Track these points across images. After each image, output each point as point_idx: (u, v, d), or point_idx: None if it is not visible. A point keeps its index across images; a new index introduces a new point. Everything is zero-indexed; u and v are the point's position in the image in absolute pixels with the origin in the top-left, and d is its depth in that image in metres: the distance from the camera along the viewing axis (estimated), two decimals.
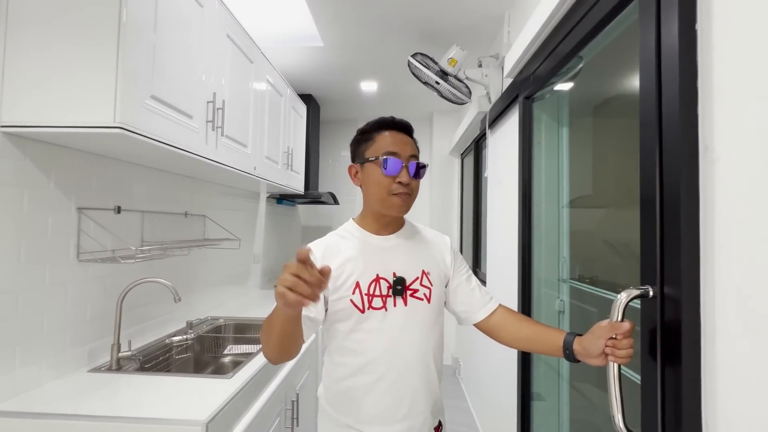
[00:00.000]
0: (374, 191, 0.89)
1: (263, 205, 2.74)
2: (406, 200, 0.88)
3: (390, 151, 0.87)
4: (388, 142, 0.88)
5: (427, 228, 1.04)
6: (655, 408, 0.72)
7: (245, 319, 1.90)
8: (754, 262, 0.56)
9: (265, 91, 1.92)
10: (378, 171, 0.87)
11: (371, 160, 0.88)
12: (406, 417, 0.86)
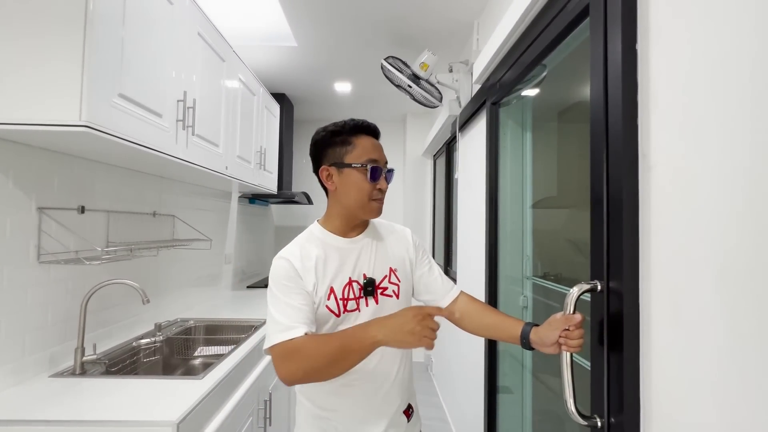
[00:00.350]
0: (356, 197, 0.89)
1: (235, 204, 2.70)
2: (382, 205, 0.92)
3: (372, 158, 0.89)
4: (370, 148, 0.90)
5: (385, 223, 1.04)
6: (602, 392, 0.79)
7: (216, 321, 1.88)
8: (682, 259, 0.63)
9: (237, 90, 1.91)
10: (362, 177, 0.88)
11: (354, 166, 0.88)
12: (381, 405, 0.90)
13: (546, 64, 1.32)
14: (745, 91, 0.53)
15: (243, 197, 2.86)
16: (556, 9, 1.03)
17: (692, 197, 0.62)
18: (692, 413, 0.60)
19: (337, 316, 0.87)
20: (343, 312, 0.88)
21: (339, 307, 0.87)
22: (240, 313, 2.00)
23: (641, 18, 0.74)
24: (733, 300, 0.54)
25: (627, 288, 0.73)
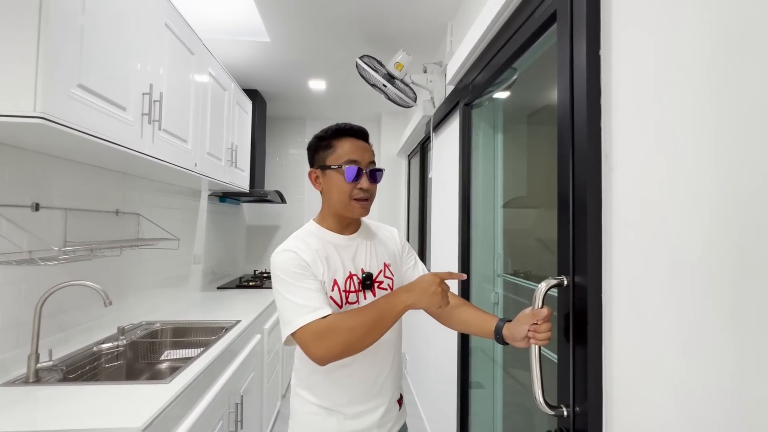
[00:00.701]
0: (337, 197, 0.94)
1: (204, 203, 2.62)
2: (365, 204, 0.95)
3: (351, 159, 0.92)
4: (348, 150, 0.93)
5: (376, 223, 1.11)
6: (568, 382, 0.83)
7: (184, 323, 1.81)
8: (639, 256, 0.67)
9: (207, 85, 1.85)
10: (340, 178, 0.92)
11: (333, 168, 0.93)
12: (378, 395, 0.95)
13: (516, 67, 1.37)
14: (702, 94, 0.57)
15: (213, 195, 2.78)
16: (525, 14, 1.07)
17: (651, 196, 0.66)
18: (650, 400, 0.64)
19: (339, 307, 0.91)
20: (345, 303, 0.92)
21: (341, 299, 0.92)
22: (210, 315, 1.94)
23: (604, 25, 0.78)
24: (684, 293, 0.58)
25: (591, 283, 0.76)
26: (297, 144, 3.87)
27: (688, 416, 0.57)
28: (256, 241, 3.78)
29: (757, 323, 0.48)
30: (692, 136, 0.58)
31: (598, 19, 0.79)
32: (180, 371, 1.20)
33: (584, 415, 0.78)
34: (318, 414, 0.93)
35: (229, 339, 1.55)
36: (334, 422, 0.92)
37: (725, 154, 0.53)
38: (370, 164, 0.96)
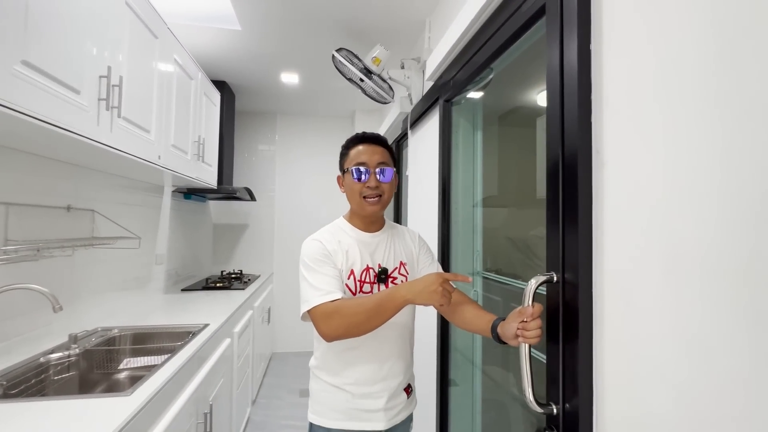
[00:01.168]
0: (350, 196, 1.07)
1: (168, 200, 2.46)
2: (376, 202, 1.04)
3: (359, 162, 1.03)
4: (358, 153, 1.05)
5: (403, 226, 1.23)
6: (558, 380, 0.82)
7: (146, 328, 1.68)
8: (632, 252, 0.67)
9: (173, 72, 1.72)
10: (352, 180, 1.04)
11: (347, 171, 1.06)
12: (385, 378, 1.05)
13: (493, 68, 1.36)
14: (693, 92, 0.57)
15: (177, 192, 2.61)
16: (512, 8, 1.06)
17: (643, 192, 0.66)
18: (643, 394, 0.64)
19: (353, 293, 1.03)
20: (358, 292, 1.03)
21: (356, 287, 1.03)
22: (175, 319, 1.81)
23: (594, 19, 0.78)
24: (680, 288, 0.58)
25: (582, 279, 0.76)
26: (267, 139, 3.74)
27: (683, 411, 0.57)
28: (223, 241, 3.61)
29: (755, 317, 0.48)
30: (687, 132, 0.58)
31: (589, 14, 0.78)
32: (142, 381, 1.09)
33: (574, 412, 0.77)
34: (329, 392, 1.05)
35: (197, 344, 1.45)
36: (343, 399, 1.03)
37: (721, 150, 0.53)
38: (380, 164, 1.04)
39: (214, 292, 2.55)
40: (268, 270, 3.63)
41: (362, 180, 1.02)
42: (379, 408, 1.04)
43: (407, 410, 1.12)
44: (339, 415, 1.04)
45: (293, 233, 3.73)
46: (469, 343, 1.62)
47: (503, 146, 1.56)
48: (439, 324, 1.68)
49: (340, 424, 1.03)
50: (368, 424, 1.04)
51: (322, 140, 3.83)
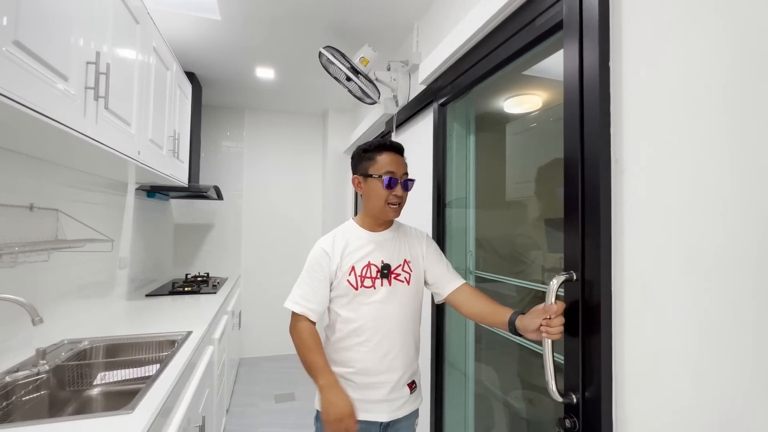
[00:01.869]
0: (375, 201, 1.12)
1: (131, 198, 2.26)
2: (397, 208, 1.14)
3: (389, 170, 1.10)
4: (387, 162, 1.11)
5: (409, 226, 1.27)
6: (577, 371, 0.88)
7: (120, 339, 1.54)
8: (652, 251, 0.74)
9: (152, 61, 1.60)
10: (379, 186, 1.10)
11: (374, 177, 1.11)
12: (386, 371, 1.09)
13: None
14: (708, 104, 0.64)
15: (140, 190, 2.41)
16: (523, 21, 1.11)
17: (661, 197, 0.73)
18: (662, 385, 0.71)
19: (355, 289, 1.10)
20: (360, 286, 1.10)
21: (357, 282, 1.10)
22: (148, 328, 1.67)
23: (613, 38, 0.85)
24: (700, 284, 0.66)
25: (603, 278, 0.82)
26: (234, 136, 3.56)
27: (704, 400, 0.64)
28: (185, 242, 3.39)
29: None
30: (702, 142, 0.66)
31: (608, 31, 0.85)
32: (141, 396, 1.01)
33: (594, 401, 0.84)
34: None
35: (187, 353, 1.36)
36: (346, 389, 1.06)
37: (735, 158, 0.61)
38: (404, 175, 1.13)
39: (182, 297, 2.39)
40: (236, 272, 3.46)
41: (391, 188, 1.10)
42: (381, 399, 1.09)
43: (411, 405, 1.15)
44: None
45: (262, 233, 3.59)
46: (461, 342, 1.68)
47: (493, 149, 1.64)
48: (433, 322, 1.72)
49: None
50: (370, 414, 1.08)
51: (292, 138, 3.73)
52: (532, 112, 1.47)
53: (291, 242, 3.64)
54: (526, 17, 1.11)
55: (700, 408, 0.66)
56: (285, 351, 3.56)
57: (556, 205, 1.22)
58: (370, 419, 1.08)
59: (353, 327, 1.10)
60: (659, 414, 0.73)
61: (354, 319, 1.10)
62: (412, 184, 1.15)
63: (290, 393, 2.82)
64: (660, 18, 0.75)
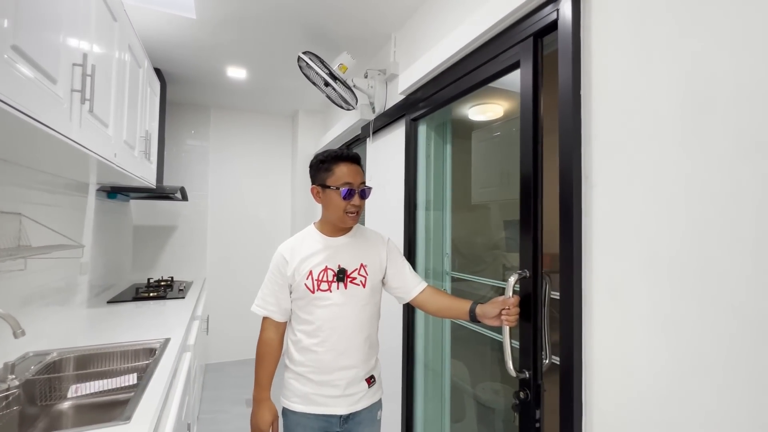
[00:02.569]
0: (333, 211, 1.18)
1: (92, 199, 2.14)
2: (356, 216, 1.20)
3: (346, 182, 1.15)
4: (345, 173, 1.16)
5: (369, 229, 1.33)
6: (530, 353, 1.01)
7: (90, 349, 1.47)
8: (616, 254, 0.87)
9: (126, 59, 1.54)
10: (338, 197, 1.16)
11: (333, 188, 1.16)
12: (342, 368, 1.17)
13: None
14: (666, 129, 0.78)
15: (101, 191, 2.28)
16: (500, 48, 1.23)
17: (624, 209, 0.87)
18: (625, 363, 0.84)
19: (311, 292, 1.16)
20: (317, 290, 1.16)
21: (313, 286, 1.16)
22: (120, 335, 1.61)
23: (584, 70, 0.97)
24: (658, 282, 0.79)
25: (575, 277, 0.95)
26: (199, 135, 3.44)
27: (662, 380, 0.77)
28: (145, 245, 3.22)
29: (712, 303, 0.69)
30: (660, 162, 0.79)
31: (579, 66, 0.98)
32: (134, 405, 0.99)
33: (567, 368, 0.96)
34: (294, 378, 1.19)
35: (170, 360, 1.33)
36: (305, 386, 1.17)
37: (685, 176, 0.74)
38: (361, 184, 1.19)
39: (147, 303, 2.29)
40: (201, 275, 3.35)
41: (349, 199, 1.16)
42: (339, 394, 1.16)
43: (370, 399, 1.23)
44: (301, 400, 1.17)
45: (229, 235, 3.50)
46: (438, 339, 1.78)
47: (467, 156, 1.76)
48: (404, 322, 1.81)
49: (302, 408, 1.17)
50: (329, 408, 1.16)
51: (261, 138, 3.66)
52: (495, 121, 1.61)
53: (259, 244, 3.58)
54: (501, 45, 1.22)
55: (655, 384, 0.79)
56: (253, 355, 3.48)
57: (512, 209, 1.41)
58: (329, 413, 1.16)
59: (310, 328, 1.17)
60: (623, 388, 0.86)
61: (311, 321, 1.17)
62: (370, 192, 1.21)
63: None
64: (624, 55, 0.88)
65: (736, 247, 0.67)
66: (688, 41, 0.76)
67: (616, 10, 0.90)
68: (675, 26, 0.78)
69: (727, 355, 0.68)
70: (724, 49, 0.70)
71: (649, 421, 0.80)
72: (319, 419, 1.16)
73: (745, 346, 0.66)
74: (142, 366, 1.41)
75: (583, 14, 0.98)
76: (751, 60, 0.67)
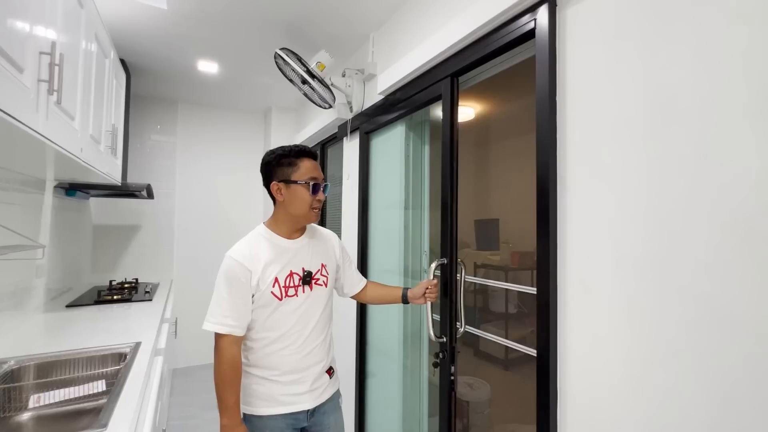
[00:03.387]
0: (300, 207, 1.15)
1: (50, 197, 2.00)
2: (319, 212, 1.20)
3: (313, 176, 1.15)
4: (310, 168, 1.16)
5: (320, 227, 1.35)
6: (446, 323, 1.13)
7: (51, 356, 1.38)
8: (589, 251, 0.93)
9: (93, 49, 1.45)
10: (305, 192, 1.14)
11: (299, 183, 1.13)
12: (309, 366, 1.19)
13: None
14: (632, 137, 0.84)
15: (59, 187, 2.14)
16: (479, 53, 1.27)
17: (596, 208, 0.93)
18: (597, 347, 0.90)
19: (279, 299, 1.13)
20: (284, 296, 1.14)
21: (281, 292, 1.13)
22: (85, 341, 1.52)
23: (559, 78, 1.03)
24: (627, 278, 0.86)
25: (551, 271, 1.01)
26: (165, 130, 3.29)
27: (629, 365, 0.84)
28: (106, 245, 3.05)
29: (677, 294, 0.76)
30: (626, 166, 0.86)
31: (555, 74, 1.04)
32: (109, 412, 0.95)
33: (544, 354, 1.02)
34: (260, 383, 1.15)
35: (143, 364, 1.28)
36: (273, 389, 1.14)
37: (648, 179, 0.81)
38: (323, 180, 1.19)
39: (110, 307, 2.17)
40: (168, 277, 3.21)
41: (315, 194, 1.15)
42: (305, 391, 1.17)
43: (331, 388, 1.27)
44: (269, 403, 1.15)
45: (198, 235, 3.38)
46: (390, 329, 1.82)
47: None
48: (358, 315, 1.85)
49: (270, 411, 1.14)
50: (296, 406, 1.17)
51: (232, 135, 3.56)
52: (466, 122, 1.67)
53: (229, 244, 3.45)
54: (481, 49, 1.27)
55: (624, 369, 0.85)
56: None
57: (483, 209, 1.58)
58: (297, 410, 1.17)
59: (278, 335, 1.14)
60: (595, 375, 0.92)
61: (278, 327, 1.14)
62: (328, 189, 1.21)
63: None
64: (596, 66, 0.94)
65: (696, 243, 0.75)
66: (653, 55, 0.83)
67: (589, 23, 0.96)
68: (641, 41, 0.85)
69: (687, 339, 0.75)
70: (684, 63, 0.78)
71: (618, 403, 0.87)
72: (286, 418, 1.15)
73: (705, 332, 0.73)
74: (112, 372, 1.35)
75: (559, 25, 1.04)
76: (708, 74, 0.74)
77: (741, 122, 0.70)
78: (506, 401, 1.73)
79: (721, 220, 0.71)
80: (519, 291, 1.44)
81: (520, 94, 1.51)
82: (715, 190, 0.72)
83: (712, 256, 0.72)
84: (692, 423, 0.74)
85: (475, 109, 1.76)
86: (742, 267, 0.68)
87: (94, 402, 1.21)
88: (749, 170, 0.68)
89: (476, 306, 1.76)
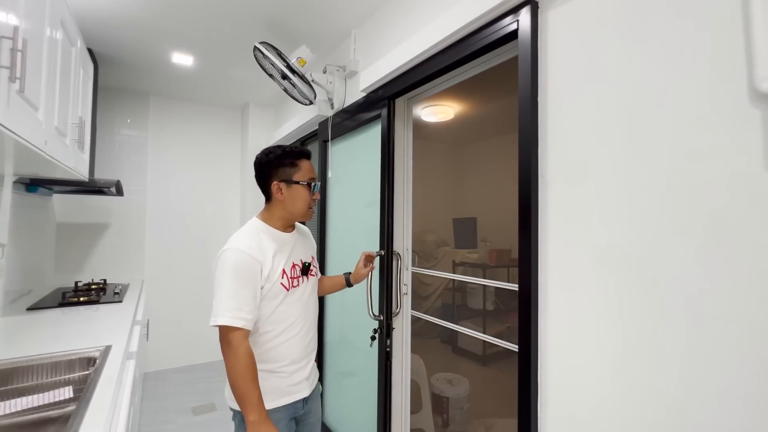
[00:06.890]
0: (300, 206, 1.21)
1: (8, 193, 1.87)
2: (313, 211, 1.26)
3: (312, 177, 1.22)
4: (309, 169, 1.22)
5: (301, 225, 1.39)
6: (384, 303, 1.08)
7: (10, 362, 1.29)
8: (570, 248, 0.96)
9: (58, 36, 1.37)
10: (305, 192, 1.20)
11: (301, 183, 1.19)
12: (308, 354, 1.24)
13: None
14: (611, 135, 0.87)
15: (19, 183, 2.01)
16: (462, 52, 1.28)
17: (576, 206, 0.96)
18: (577, 347, 0.93)
19: (287, 290, 1.16)
20: (291, 287, 1.18)
21: (290, 283, 1.17)
22: (48, 346, 1.43)
23: (541, 79, 1.06)
24: (607, 274, 0.89)
25: (533, 268, 1.03)
26: (136, 124, 3.15)
27: (604, 353, 0.87)
28: (70, 245, 2.89)
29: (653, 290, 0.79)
30: (604, 164, 0.89)
31: (536, 74, 1.06)
32: (78, 420, 0.90)
33: (527, 344, 1.04)
34: (264, 378, 1.12)
35: (114, 369, 1.22)
36: (277, 381, 1.15)
37: (626, 177, 0.84)
38: (317, 180, 1.26)
39: (76, 309, 2.06)
40: (139, 278, 3.08)
41: (313, 194, 1.22)
42: (304, 378, 1.21)
43: (317, 374, 1.32)
44: (274, 396, 1.14)
45: (172, 234, 3.25)
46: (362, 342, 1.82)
47: (424, 155, 1.81)
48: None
49: (275, 403, 1.13)
50: (297, 395, 1.19)
51: (207, 130, 3.45)
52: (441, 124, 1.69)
53: (204, 243, 3.38)
54: (464, 49, 1.28)
55: (600, 359, 0.88)
56: (196, 361, 3.29)
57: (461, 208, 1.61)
58: (298, 398, 1.19)
59: (286, 325, 1.16)
60: (575, 369, 0.95)
61: (285, 318, 1.16)
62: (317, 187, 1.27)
63: (210, 404, 2.64)
64: (577, 68, 0.97)
65: (674, 239, 0.78)
66: (631, 58, 0.86)
67: (571, 25, 0.99)
68: (621, 44, 0.88)
69: (665, 334, 0.79)
70: (661, 66, 0.81)
71: (598, 397, 0.90)
72: (288, 409, 1.16)
73: (683, 327, 0.76)
74: (80, 377, 1.28)
75: (541, 27, 1.06)
76: (683, 76, 0.77)
77: (714, 123, 0.73)
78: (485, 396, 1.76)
79: (698, 217, 0.75)
80: (496, 287, 1.46)
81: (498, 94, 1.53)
82: (692, 188, 0.76)
83: (690, 252, 0.76)
84: (671, 416, 0.78)
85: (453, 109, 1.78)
86: (717, 263, 0.72)
87: (61, 410, 1.15)
88: (724, 170, 0.72)
89: (455, 303, 1.78)
